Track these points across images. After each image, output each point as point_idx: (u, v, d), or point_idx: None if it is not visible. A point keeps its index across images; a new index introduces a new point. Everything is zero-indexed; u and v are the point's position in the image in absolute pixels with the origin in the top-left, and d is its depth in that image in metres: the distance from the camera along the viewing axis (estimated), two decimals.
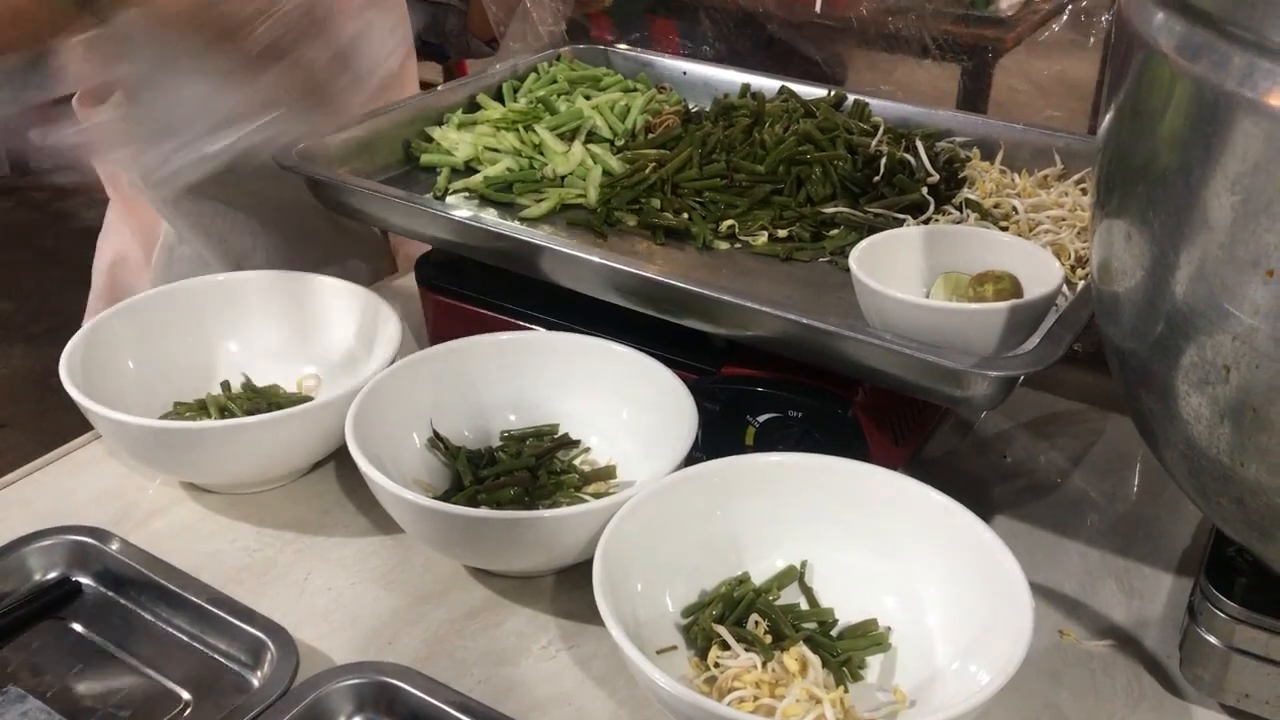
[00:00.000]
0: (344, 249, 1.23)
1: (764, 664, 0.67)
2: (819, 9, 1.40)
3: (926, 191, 0.95)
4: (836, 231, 0.94)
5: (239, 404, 0.91)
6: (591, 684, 0.72)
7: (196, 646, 0.73)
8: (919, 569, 0.72)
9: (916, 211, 0.95)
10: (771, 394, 0.82)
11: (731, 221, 0.96)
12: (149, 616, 0.75)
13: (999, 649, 0.63)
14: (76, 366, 0.85)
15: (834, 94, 1.11)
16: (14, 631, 0.74)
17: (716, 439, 0.82)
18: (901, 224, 0.92)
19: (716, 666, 0.68)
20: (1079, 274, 0.88)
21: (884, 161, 0.97)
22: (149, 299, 0.96)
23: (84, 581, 0.78)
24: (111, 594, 0.77)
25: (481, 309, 0.97)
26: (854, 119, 1.06)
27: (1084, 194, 0.96)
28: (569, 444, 0.87)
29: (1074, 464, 0.92)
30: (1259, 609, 0.65)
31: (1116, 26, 0.58)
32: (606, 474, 0.84)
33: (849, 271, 0.81)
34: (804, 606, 0.73)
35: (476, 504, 0.80)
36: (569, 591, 0.78)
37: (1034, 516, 0.86)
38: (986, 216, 0.94)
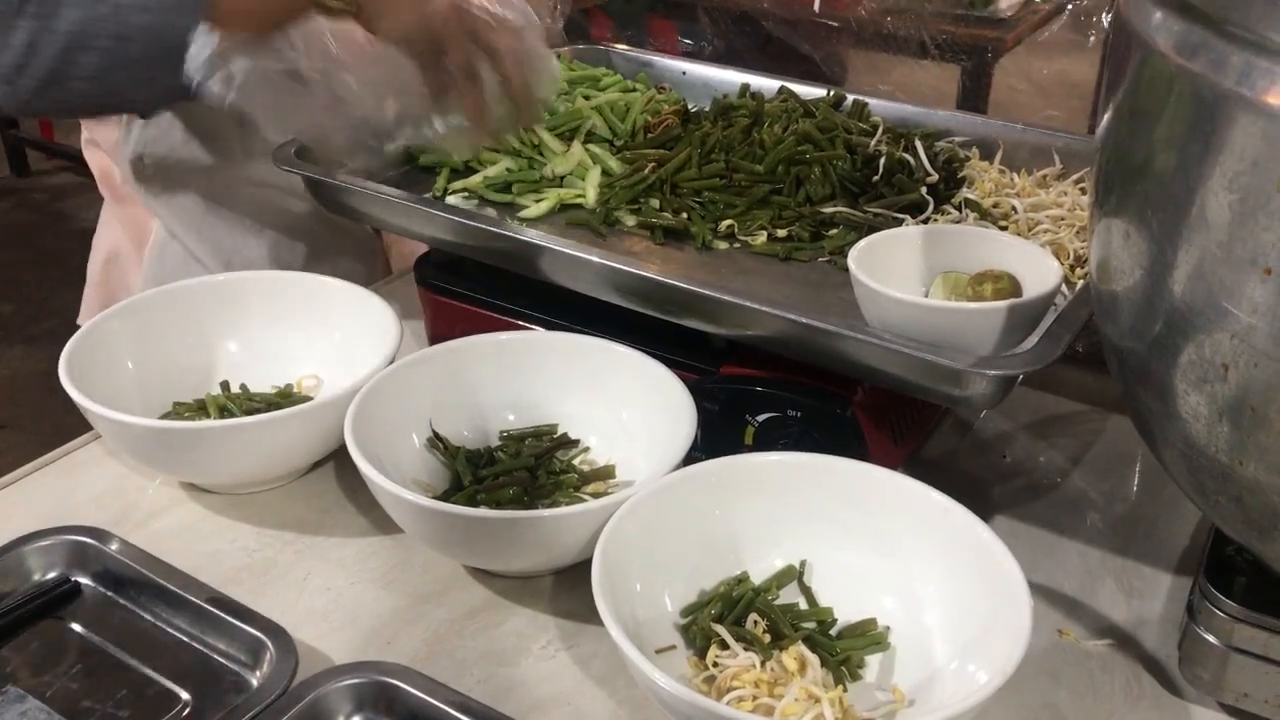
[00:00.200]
0: (336, 248, 1.23)
1: (763, 663, 0.67)
2: (817, 8, 1.40)
3: (925, 191, 0.95)
4: (836, 231, 0.94)
5: (238, 404, 0.91)
6: (591, 684, 0.72)
7: (196, 646, 0.73)
8: (918, 568, 0.72)
9: (915, 211, 0.95)
10: (771, 394, 0.82)
11: (730, 221, 0.96)
12: (148, 616, 0.75)
13: (998, 648, 0.63)
14: (76, 367, 0.85)
15: (833, 94, 1.11)
16: (13, 631, 0.74)
17: (716, 439, 0.82)
18: (900, 224, 0.92)
19: (715, 666, 0.68)
20: (1078, 273, 0.88)
21: (883, 161, 0.97)
22: (148, 299, 0.96)
23: (83, 581, 0.77)
24: (111, 594, 0.76)
25: (480, 309, 0.97)
26: (853, 119, 1.05)
27: (1083, 193, 0.96)
28: (568, 444, 0.87)
29: (1073, 463, 0.92)
30: (1258, 608, 0.65)
31: (1115, 26, 0.58)
32: (605, 474, 0.84)
33: (848, 271, 0.81)
34: (803, 606, 0.73)
35: (476, 504, 0.80)
36: (568, 591, 0.78)
37: (1033, 516, 0.86)
38: (985, 216, 0.94)
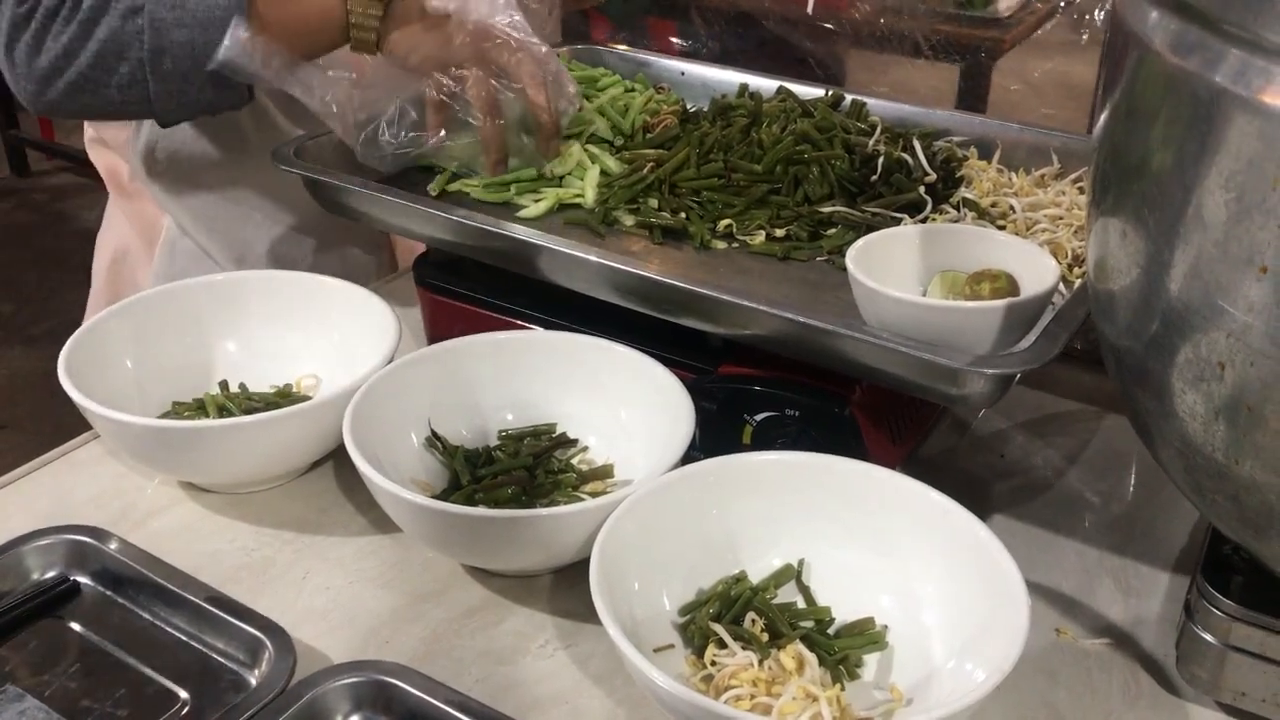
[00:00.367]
0: (344, 239, 1.23)
1: (761, 662, 0.67)
2: (811, 10, 1.40)
3: (924, 191, 0.95)
4: (834, 231, 0.94)
5: (237, 403, 0.91)
6: (589, 682, 0.72)
7: (194, 645, 0.73)
8: (916, 568, 0.72)
9: (914, 210, 0.95)
10: (769, 393, 0.83)
11: (729, 221, 0.96)
12: (147, 616, 0.75)
13: (996, 647, 0.63)
14: (75, 366, 0.85)
15: (831, 94, 1.11)
16: (12, 630, 0.74)
17: (714, 438, 0.82)
18: (899, 223, 0.92)
19: (713, 665, 0.68)
20: (1076, 272, 0.88)
21: (881, 161, 0.97)
22: (147, 299, 0.96)
23: (82, 581, 0.78)
24: (110, 593, 0.77)
25: (479, 308, 0.97)
26: (851, 119, 1.06)
27: (1081, 193, 0.96)
28: (566, 443, 0.87)
29: (1071, 463, 0.92)
30: (1255, 607, 0.65)
31: (1111, 25, 0.58)
32: (604, 473, 0.84)
33: (846, 270, 0.81)
34: (801, 605, 0.74)
35: (474, 503, 0.80)
36: (566, 590, 0.78)
37: (1031, 515, 0.86)
38: (984, 215, 0.94)
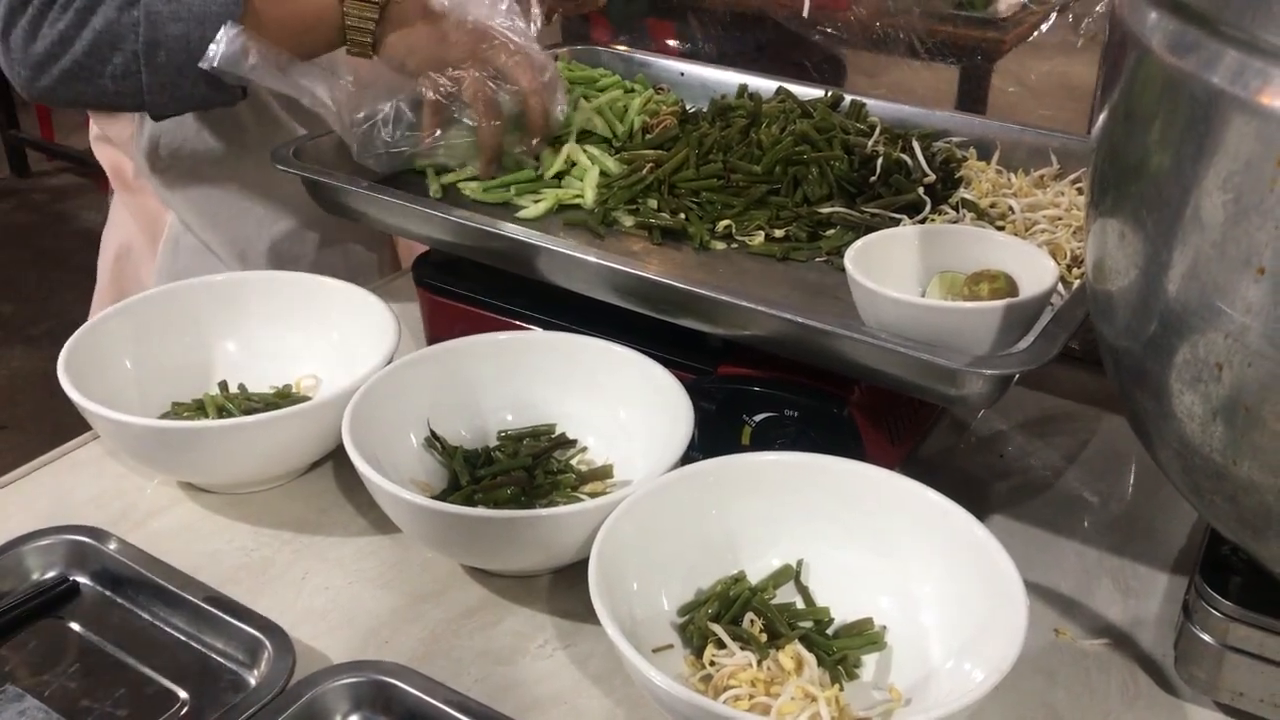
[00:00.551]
0: (346, 235, 1.24)
1: (759, 662, 0.67)
2: (806, 13, 1.41)
3: (923, 191, 0.95)
4: (833, 231, 0.94)
5: (237, 404, 0.91)
6: (588, 682, 0.72)
7: (194, 645, 0.73)
8: (915, 568, 0.72)
9: (913, 211, 0.95)
10: (768, 393, 0.83)
11: (728, 221, 0.96)
12: (147, 616, 0.75)
13: (994, 647, 0.63)
14: (75, 366, 0.85)
15: (831, 94, 1.11)
16: (12, 630, 0.74)
17: (713, 438, 0.82)
18: (898, 224, 0.92)
19: (712, 665, 0.68)
20: (1075, 273, 0.89)
21: (880, 162, 0.97)
22: (147, 299, 0.96)
23: (82, 581, 0.78)
24: (109, 593, 0.77)
25: (479, 309, 0.97)
26: (851, 119, 1.06)
27: (1080, 193, 0.96)
28: (566, 444, 0.87)
29: (1070, 463, 0.92)
30: (1253, 607, 0.65)
31: (1110, 26, 0.59)
32: (603, 473, 0.84)
33: (845, 271, 0.81)
34: (800, 605, 0.74)
35: (473, 503, 0.80)
36: (566, 591, 0.79)
37: (1030, 515, 0.86)
38: (983, 216, 0.94)
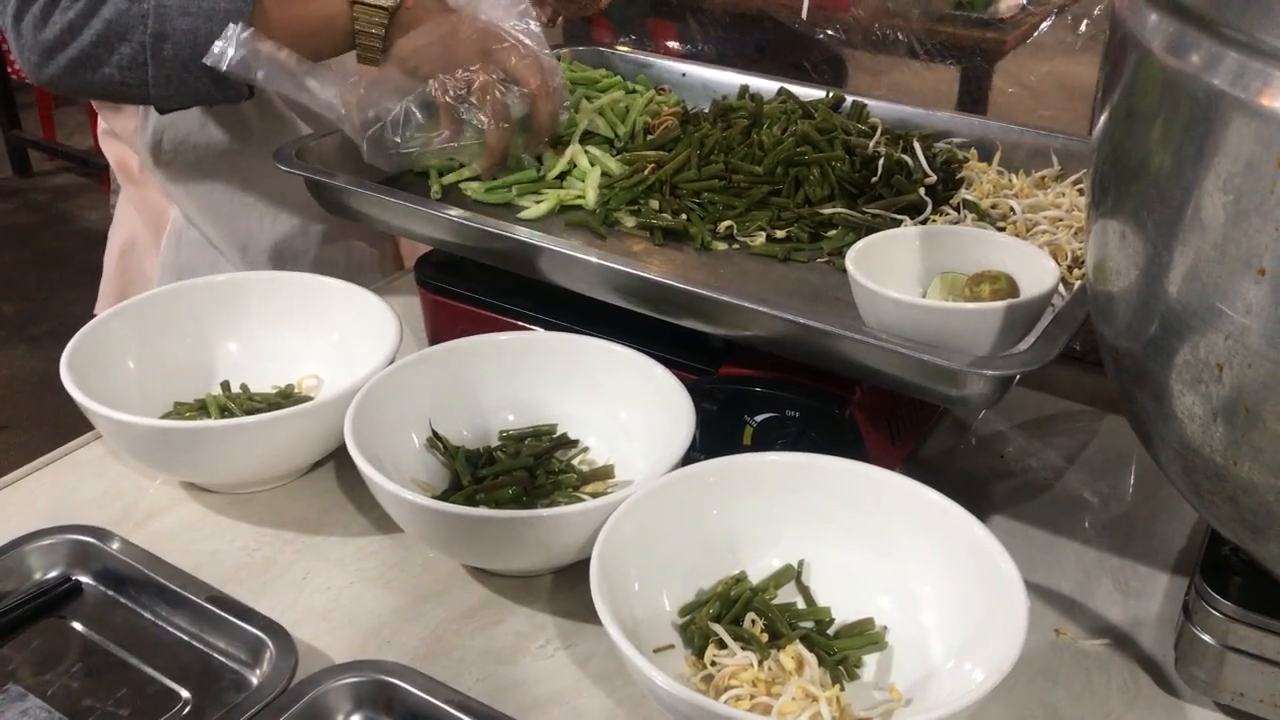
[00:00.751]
0: (348, 232, 1.24)
1: (760, 662, 0.67)
2: (805, 15, 1.41)
3: (924, 192, 0.96)
4: (834, 232, 0.94)
5: (239, 404, 0.91)
6: (589, 682, 0.72)
7: (196, 645, 0.73)
8: (915, 568, 0.72)
9: (914, 212, 0.95)
10: (769, 394, 0.83)
11: (730, 222, 0.96)
12: (149, 615, 0.75)
13: (995, 648, 0.63)
14: (77, 366, 0.85)
15: (832, 95, 1.11)
16: (14, 630, 0.74)
17: (714, 439, 0.82)
18: (899, 224, 0.92)
19: (713, 665, 0.68)
20: (1076, 274, 0.89)
21: (882, 162, 0.97)
22: (149, 299, 0.96)
23: (84, 580, 0.78)
24: (111, 593, 0.77)
25: (480, 309, 0.97)
26: (852, 120, 1.06)
27: (1081, 195, 0.96)
28: (567, 444, 0.87)
29: (1070, 463, 0.93)
30: (1254, 608, 0.65)
31: (1110, 28, 0.59)
32: (604, 474, 0.84)
33: (846, 272, 0.81)
34: (801, 605, 0.74)
35: (475, 503, 0.80)
36: (567, 591, 0.79)
37: (1030, 516, 0.86)
38: (984, 217, 0.95)
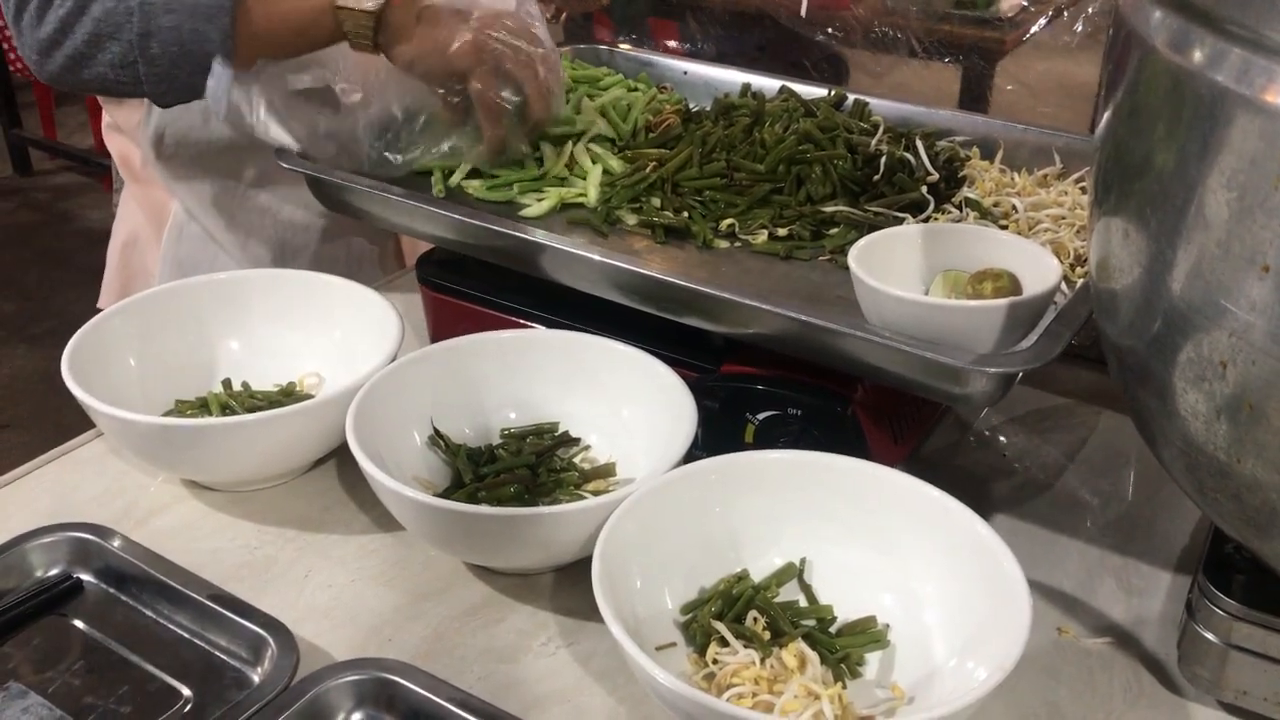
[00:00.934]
0: (349, 228, 1.24)
1: (762, 660, 0.67)
2: (804, 13, 1.41)
3: (926, 190, 0.95)
4: (836, 230, 0.94)
5: (240, 402, 0.91)
6: (591, 680, 0.72)
7: (197, 643, 0.73)
8: (918, 566, 0.72)
9: (916, 210, 0.95)
10: (771, 392, 0.83)
11: (731, 220, 0.96)
12: (150, 613, 0.75)
13: (997, 646, 0.63)
14: (78, 364, 0.85)
15: (834, 93, 1.11)
16: (16, 627, 0.74)
17: (716, 437, 0.82)
18: (901, 222, 0.92)
19: (715, 663, 0.68)
20: (1078, 272, 0.88)
21: (884, 160, 0.97)
22: (150, 297, 0.96)
23: (85, 578, 0.78)
24: (113, 591, 0.77)
25: (482, 307, 0.97)
26: (854, 118, 1.06)
27: (1083, 192, 0.96)
28: (569, 442, 0.87)
29: (1072, 461, 0.92)
30: (1257, 606, 0.65)
31: (1114, 25, 0.59)
32: (606, 472, 0.84)
33: (849, 270, 0.81)
34: (803, 603, 0.74)
35: (477, 501, 0.80)
36: (568, 589, 0.79)
37: (1033, 514, 0.86)
38: (986, 215, 0.95)
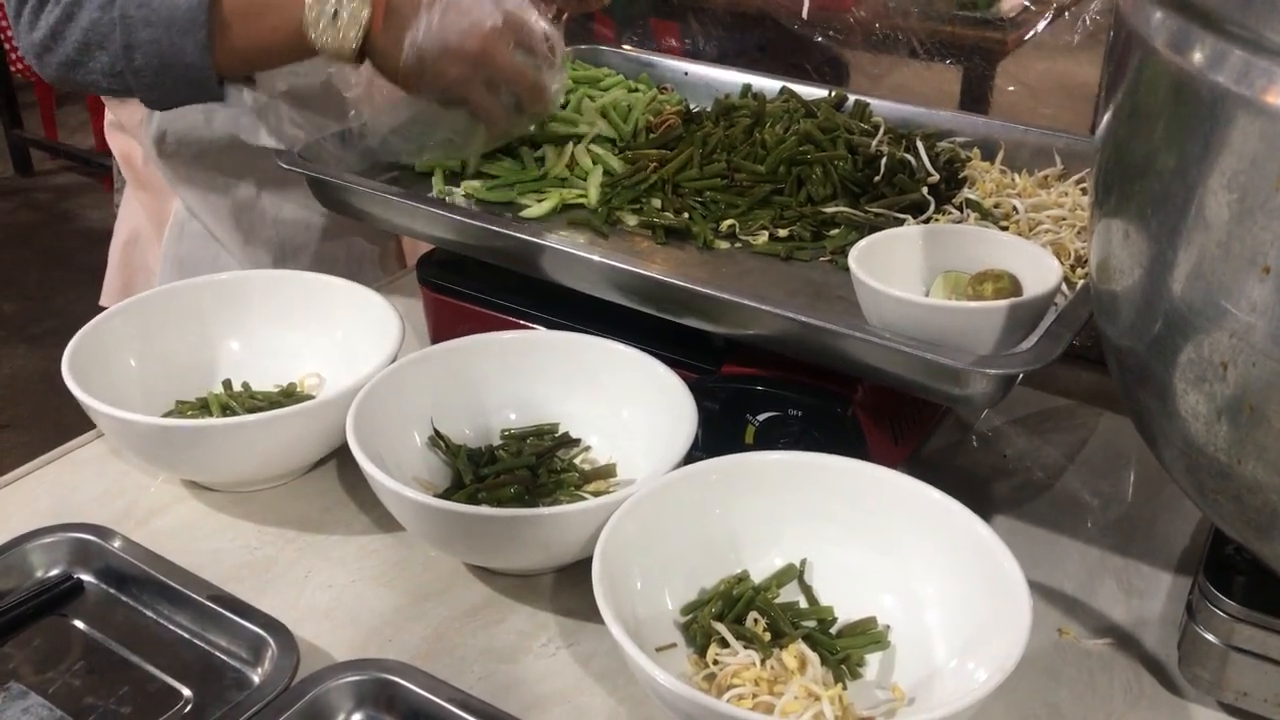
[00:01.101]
0: (350, 227, 1.24)
1: (763, 661, 0.67)
2: (805, 14, 1.41)
3: (927, 191, 0.95)
4: (837, 231, 0.94)
5: (241, 402, 0.91)
6: (591, 681, 0.72)
7: (197, 643, 0.73)
8: (918, 567, 0.72)
9: (917, 211, 0.95)
10: (771, 393, 0.83)
11: (732, 221, 0.96)
12: (150, 614, 0.75)
13: (997, 647, 0.63)
14: (79, 365, 0.85)
15: (835, 94, 1.11)
16: (16, 628, 0.74)
17: (717, 438, 0.82)
18: (902, 223, 0.92)
19: (715, 664, 0.68)
20: (1079, 273, 0.88)
21: (884, 161, 0.97)
22: (151, 297, 0.96)
23: (86, 579, 0.78)
24: (113, 591, 0.77)
25: (483, 308, 0.97)
26: (855, 119, 1.06)
27: (1084, 194, 0.96)
28: (569, 443, 0.87)
29: (1072, 461, 0.92)
30: (1257, 607, 0.65)
31: (1114, 26, 0.58)
32: (606, 472, 0.84)
33: (849, 271, 0.81)
34: (803, 604, 0.74)
35: (477, 502, 0.80)
36: (569, 589, 0.79)
37: (1033, 515, 0.86)
38: (987, 216, 0.94)
